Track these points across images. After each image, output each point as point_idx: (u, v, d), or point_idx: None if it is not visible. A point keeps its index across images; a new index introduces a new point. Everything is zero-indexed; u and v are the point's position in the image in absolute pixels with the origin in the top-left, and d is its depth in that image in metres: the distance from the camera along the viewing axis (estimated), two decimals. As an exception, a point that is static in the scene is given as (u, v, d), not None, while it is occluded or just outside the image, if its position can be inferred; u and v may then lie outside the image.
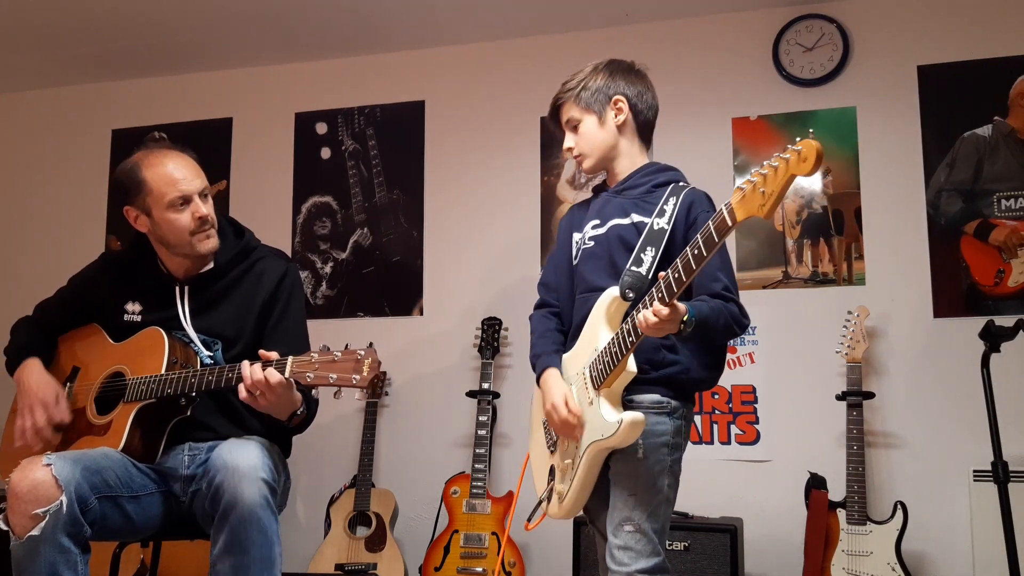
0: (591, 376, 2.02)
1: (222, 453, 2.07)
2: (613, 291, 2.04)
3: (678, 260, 1.81)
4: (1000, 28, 3.32)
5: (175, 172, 2.24)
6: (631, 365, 1.95)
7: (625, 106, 2.20)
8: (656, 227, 2.07)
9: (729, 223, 1.72)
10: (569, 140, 2.23)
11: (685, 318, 1.86)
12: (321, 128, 4.06)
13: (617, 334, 1.95)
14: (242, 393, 2.08)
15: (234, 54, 4.05)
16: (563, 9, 3.63)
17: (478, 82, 3.90)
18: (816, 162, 1.55)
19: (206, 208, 2.26)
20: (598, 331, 2.04)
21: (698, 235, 1.78)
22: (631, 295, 2.00)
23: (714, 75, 3.59)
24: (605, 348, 1.98)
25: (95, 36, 3.85)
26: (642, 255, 2.05)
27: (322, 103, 4.06)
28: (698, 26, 3.65)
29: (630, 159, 2.23)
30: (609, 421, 1.94)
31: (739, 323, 2.03)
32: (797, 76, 3.49)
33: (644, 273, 2.02)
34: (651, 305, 1.83)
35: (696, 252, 1.77)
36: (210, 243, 2.30)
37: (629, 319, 1.92)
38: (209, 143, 4.15)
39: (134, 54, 4.04)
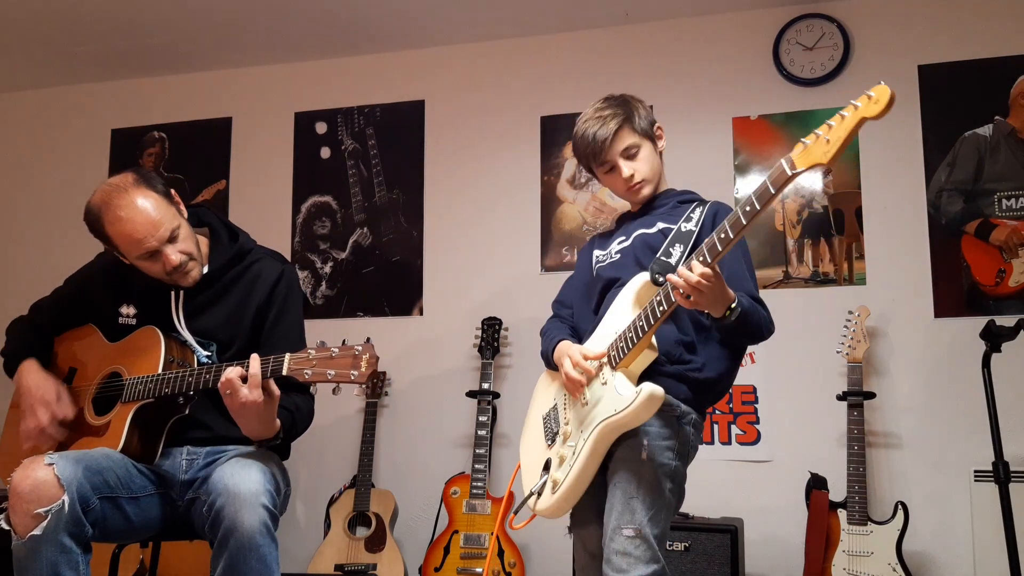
0: (609, 355, 1.97)
1: (224, 476, 2.02)
2: (644, 275, 2.02)
3: (725, 221, 1.75)
4: (1000, 28, 3.32)
5: (135, 231, 2.15)
6: (654, 341, 1.91)
7: (663, 133, 2.22)
8: (684, 229, 2.06)
9: (789, 174, 1.64)
10: (627, 168, 2.15)
11: (732, 304, 1.84)
12: (321, 128, 4.05)
13: (644, 308, 1.90)
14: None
15: (234, 54, 4.04)
16: (563, 9, 3.62)
17: (478, 82, 3.90)
18: (888, 105, 1.52)
19: (175, 256, 2.19)
20: (622, 314, 2.01)
21: (751, 193, 1.70)
22: (661, 280, 1.95)
23: (714, 75, 3.59)
24: (629, 325, 1.94)
25: (95, 36, 3.85)
26: (671, 249, 2.03)
27: (322, 103, 4.06)
28: (698, 26, 3.65)
29: (661, 185, 2.25)
30: (624, 394, 1.87)
31: (769, 327, 2.01)
32: (798, 76, 3.49)
33: (673, 264, 1.99)
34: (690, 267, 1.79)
35: (748, 209, 1.71)
36: (190, 277, 2.27)
37: (660, 291, 1.88)
38: (209, 143, 4.15)
39: (134, 54, 4.03)
